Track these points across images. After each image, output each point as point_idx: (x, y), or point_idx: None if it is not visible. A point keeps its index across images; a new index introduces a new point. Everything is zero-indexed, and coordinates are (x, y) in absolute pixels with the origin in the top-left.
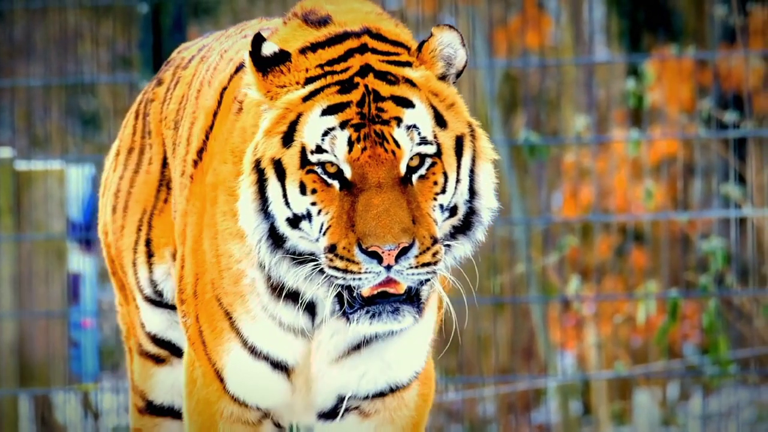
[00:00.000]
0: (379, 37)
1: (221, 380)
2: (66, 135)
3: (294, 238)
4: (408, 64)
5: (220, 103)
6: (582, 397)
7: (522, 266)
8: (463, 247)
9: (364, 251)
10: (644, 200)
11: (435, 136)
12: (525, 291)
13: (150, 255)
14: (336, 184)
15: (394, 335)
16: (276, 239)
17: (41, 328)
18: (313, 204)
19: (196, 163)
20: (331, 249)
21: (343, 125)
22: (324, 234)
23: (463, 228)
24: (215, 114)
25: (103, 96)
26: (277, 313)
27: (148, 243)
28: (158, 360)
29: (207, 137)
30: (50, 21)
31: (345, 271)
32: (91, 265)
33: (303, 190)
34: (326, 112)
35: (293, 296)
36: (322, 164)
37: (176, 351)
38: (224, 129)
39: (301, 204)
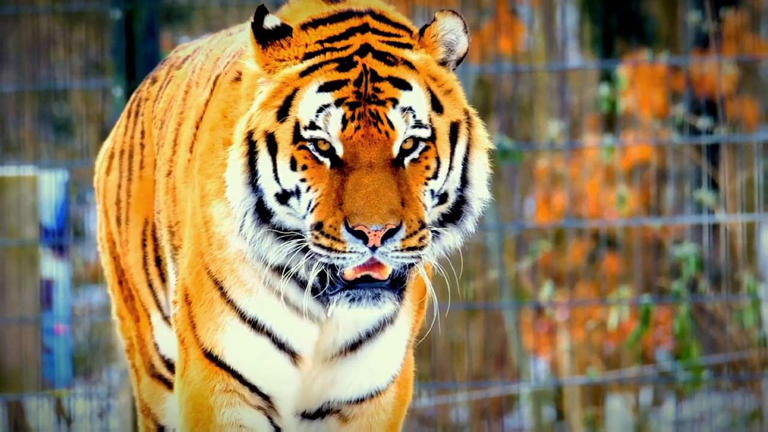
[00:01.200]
0: (381, 18)
1: (213, 358)
2: (39, 141)
3: (281, 214)
4: (408, 46)
5: (212, 91)
6: (555, 402)
7: (495, 272)
8: (452, 236)
9: (351, 230)
10: (617, 206)
11: (430, 120)
12: (498, 297)
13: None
14: (327, 161)
15: (377, 339)
16: (262, 213)
17: (14, 334)
18: (303, 180)
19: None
20: (318, 226)
21: (339, 103)
22: (311, 211)
23: (453, 217)
24: (207, 103)
25: (75, 102)
26: (280, 289)
27: (158, 262)
28: (171, 385)
29: (198, 128)
30: (23, 27)
31: (330, 249)
32: (64, 271)
33: (294, 165)
34: (323, 88)
35: (295, 274)
36: (314, 141)
37: None
38: (218, 98)
39: (290, 180)
